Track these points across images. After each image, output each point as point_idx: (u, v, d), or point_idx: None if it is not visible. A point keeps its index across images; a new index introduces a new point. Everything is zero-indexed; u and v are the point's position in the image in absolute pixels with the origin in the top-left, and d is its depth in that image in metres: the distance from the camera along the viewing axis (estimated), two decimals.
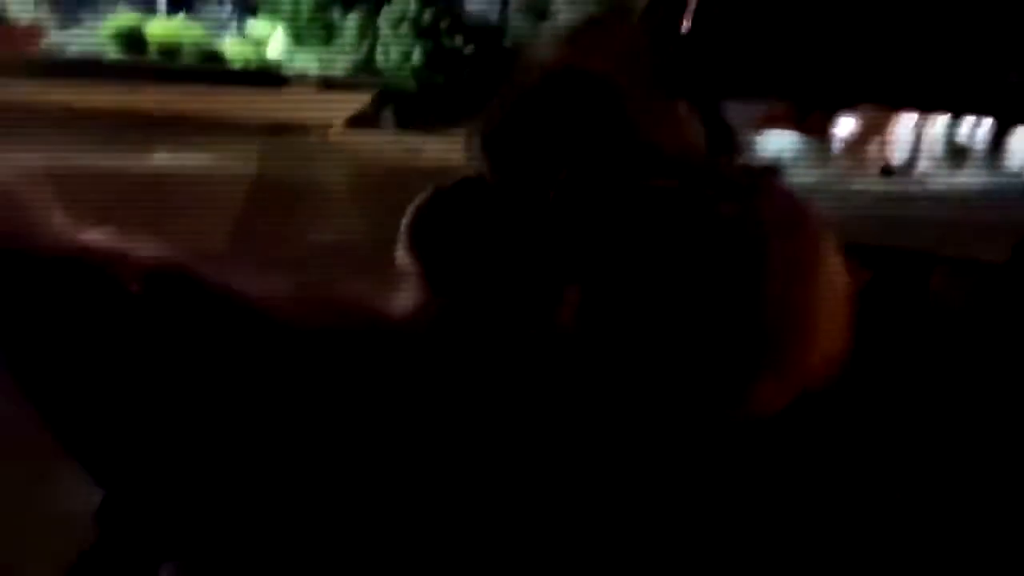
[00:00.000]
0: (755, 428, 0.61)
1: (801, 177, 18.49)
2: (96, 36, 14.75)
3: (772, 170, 0.66)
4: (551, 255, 0.69)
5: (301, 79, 14.56)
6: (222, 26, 19.77)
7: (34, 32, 13.43)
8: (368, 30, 19.96)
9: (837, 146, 20.83)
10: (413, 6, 19.74)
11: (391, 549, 0.63)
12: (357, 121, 11.79)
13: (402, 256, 0.79)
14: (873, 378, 0.66)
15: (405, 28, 19.53)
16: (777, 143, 19.59)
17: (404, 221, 0.80)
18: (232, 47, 19.39)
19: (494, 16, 20.12)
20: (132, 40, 16.24)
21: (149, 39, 16.36)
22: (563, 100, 0.76)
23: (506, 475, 0.63)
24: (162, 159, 9.13)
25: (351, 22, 20.08)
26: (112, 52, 14.37)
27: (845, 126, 20.92)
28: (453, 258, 0.76)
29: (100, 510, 0.72)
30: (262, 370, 0.68)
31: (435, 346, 0.72)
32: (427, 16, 19.26)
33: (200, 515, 0.66)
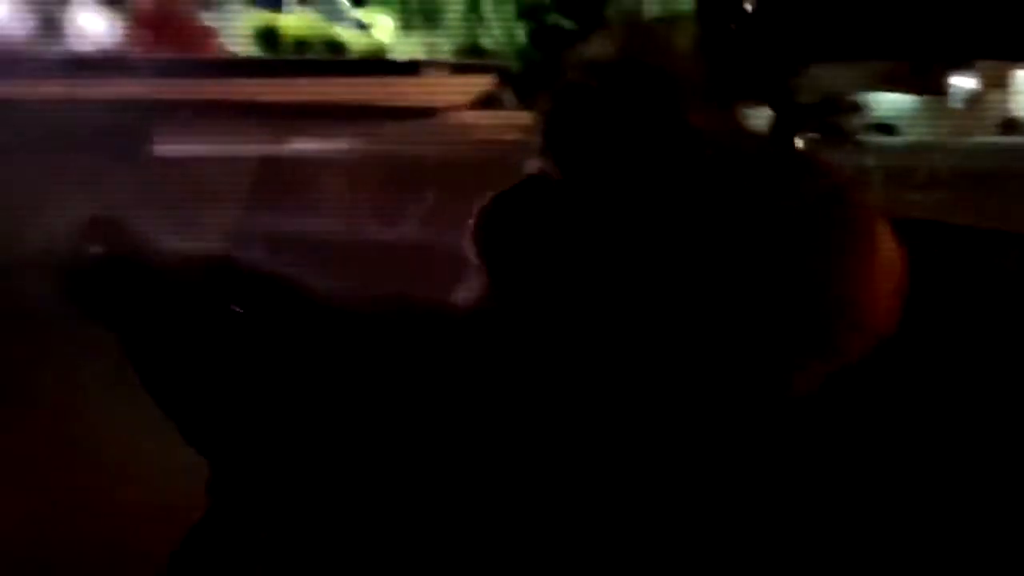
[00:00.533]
0: (798, 405, 0.62)
1: (919, 134, 17.91)
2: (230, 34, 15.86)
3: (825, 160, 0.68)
4: (615, 248, 0.68)
5: (433, 65, 15.26)
6: (336, 16, 20.79)
7: (210, 33, 14.65)
8: (473, 13, 20.52)
9: (955, 102, 20.05)
10: None
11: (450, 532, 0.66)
12: (483, 102, 12.36)
13: (471, 253, 0.78)
14: (919, 355, 0.66)
15: (508, 9, 19.96)
16: (893, 102, 19.04)
17: (471, 221, 0.78)
18: (348, 36, 20.36)
19: None
20: (268, 36, 17.43)
21: (282, 34, 17.47)
22: (625, 93, 0.73)
23: (563, 458, 0.64)
24: (312, 144, 9.97)
25: (456, 6, 20.68)
26: (249, 48, 15.44)
27: (963, 82, 20.12)
28: (516, 260, 0.75)
29: (210, 484, 0.75)
30: (340, 360, 0.71)
31: (494, 339, 0.73)
32: None
33: (296, 493, 0.70)
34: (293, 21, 18.02)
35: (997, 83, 19.85)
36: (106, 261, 0.74)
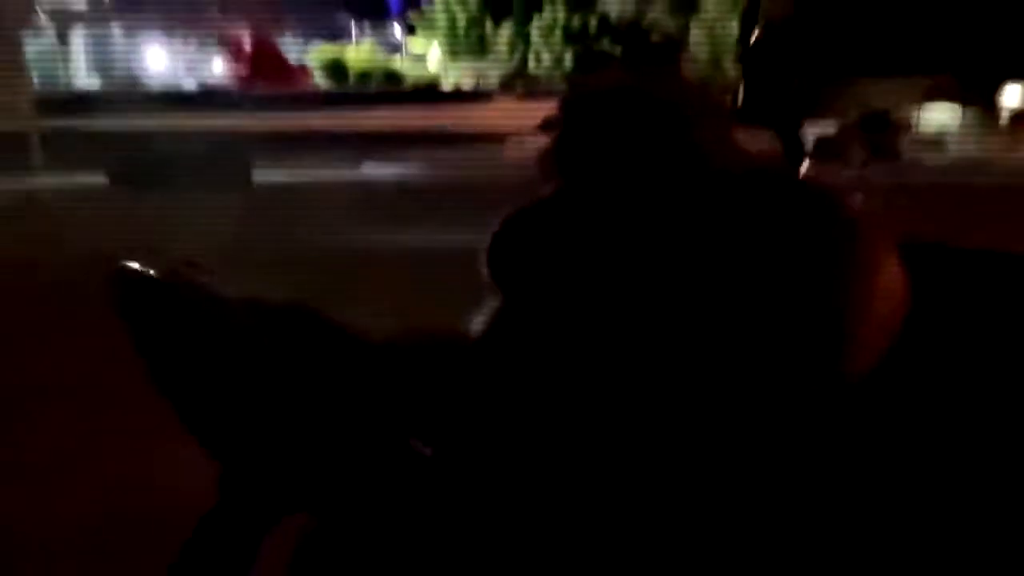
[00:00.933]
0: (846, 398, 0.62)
1: (966, 149, 17.92)
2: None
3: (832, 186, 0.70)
4: (622, 269, 0.67)
5: (502, 93, 15.81)
6: (392, 46, 21.50)
7: (308, 72, 15.42)
8: (520, 40, 21.08)
9: (1004, 117, 20.00)
10: (562, 13, 20.67)
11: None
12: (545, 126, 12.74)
13: (485, 275, 0.79)
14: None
15: (556, 35, 20.45)
16: (940, 117, 19.05)
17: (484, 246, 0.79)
18: (404, 65, 21.05)
19: (639, 16, 20.73)
20: (336, 68, 18.13)
21: (349, 67, 18.12)
22: (630, 118, 0.73)
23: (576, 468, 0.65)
24: (392, 169, 10.38)
25: (503, 34, 21.25)
26: (319, 80, 16.11)
27: (1012, 97, 20.09)
28: (527, 280, 0.75)
29: (220, 479, 0.76)
30: (356, 378, 0.73)
31: (507, 358, 0.73)
32: (576, 21, 20.12)
33: (300, 486, 0.72)
34: (356, 54, 18.69)
35: None
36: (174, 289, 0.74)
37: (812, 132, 18.87)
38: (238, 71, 15.16)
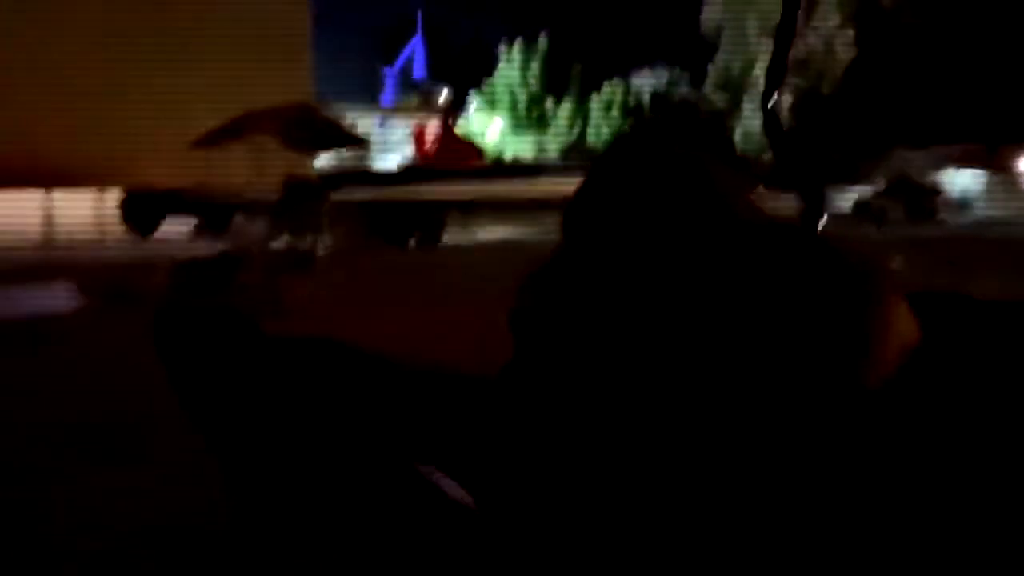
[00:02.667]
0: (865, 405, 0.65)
1: (990, 210, 19.82)
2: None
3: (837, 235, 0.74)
4: (640, 322, 0.69)
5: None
6: (464, 119, 23.66)
7: (479, 148, 17.62)
8: (579, 115, 23.23)
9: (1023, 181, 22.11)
10: (620, 90, 22.87)
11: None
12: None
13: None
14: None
15: (614, 110, 22.59)
16: (965, 180, 21.12)
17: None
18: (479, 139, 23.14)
19: (692, 92, 22.96)
20: None
21: None
22: (650, 177, 0.75)
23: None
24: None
25: (564, 109, 23.40)
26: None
27: None
28: (548, 336, 0.76)
29: (226, 489, 0.80)
30: (376, 402, 0.76)
31: (516, 396, 0.75)
32: (633, 99, 22.29)
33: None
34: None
35: None
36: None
37: (851, 196, 20.77)
38: (423, 153, 17.76)
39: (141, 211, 11.30)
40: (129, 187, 10.55)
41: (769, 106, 1.24)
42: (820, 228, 1.15)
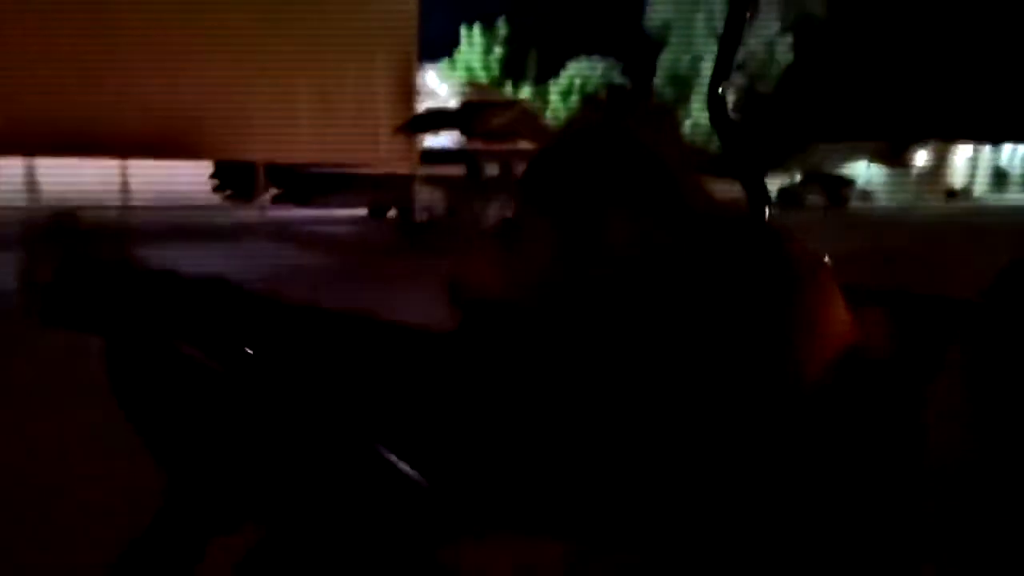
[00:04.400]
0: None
1: (886, 199, 23.39)
2: None
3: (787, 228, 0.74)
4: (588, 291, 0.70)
5: None
6: None
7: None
8: (537, 99, 24.84)
9: (916, 174, 26.07)
10: (579, 80, 24.73)
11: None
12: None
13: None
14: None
15: (573, 97, 24.45)
16: (869, 173, 24.72)
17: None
18: None
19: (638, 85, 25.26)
20: None
21: None
22: (603, 156, 0.75)
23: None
24: None
25: (523, 93, 24.95)
26: None
27: (921, 158, 26.27)
28: (490, 308, 0.75)
29: (166, 489, 0.74)
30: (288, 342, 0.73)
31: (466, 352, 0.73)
32: (590, 86, 24.21)
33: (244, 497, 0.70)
34: None
35: (942, 160, 26.02)
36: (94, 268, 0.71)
37: (775, 184, 23.70)
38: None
39: (238, 179, 11.83)
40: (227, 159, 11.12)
41: (719, 93, 1.30)
42: (766, 215, 1.19)
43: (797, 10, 23.44)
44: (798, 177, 23.85)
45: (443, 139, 11.93)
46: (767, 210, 1.23)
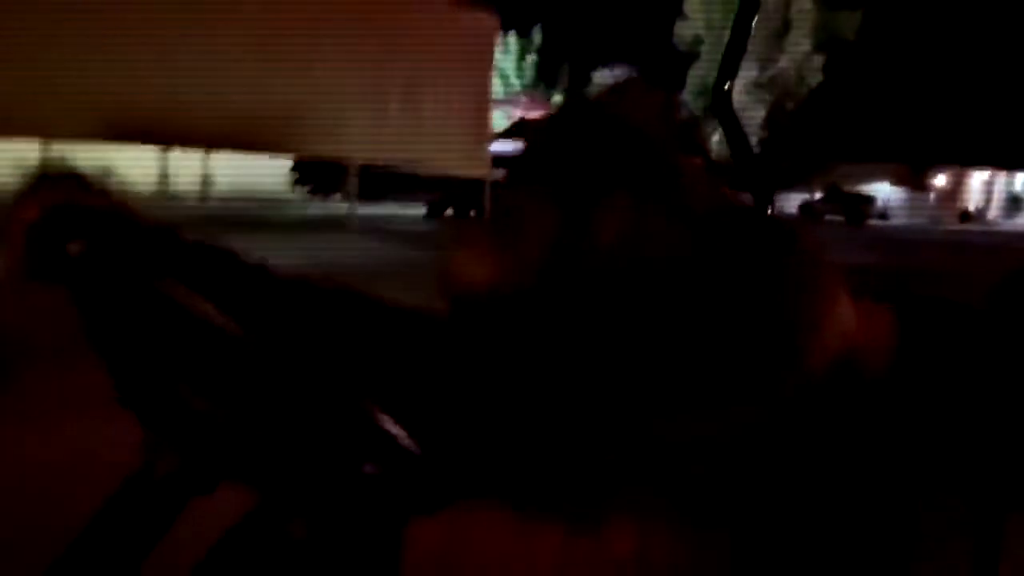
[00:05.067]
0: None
1: (903, 218, 24.03)
2: None
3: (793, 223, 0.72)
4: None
5: None
6: None
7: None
8: None
9: (933, 197, 26.75)
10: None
11: None
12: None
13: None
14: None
15: None
16: (888, 193, 25.40)
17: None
18: None
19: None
20: None
21: None
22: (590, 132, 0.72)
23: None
24: None
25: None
26: None
27: (939, 182, 26.99)
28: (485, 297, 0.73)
29: (144, 443, 0.70)
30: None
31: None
32: None
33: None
34: None
35: (959, 184, 26.72)
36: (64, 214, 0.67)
37: (796, 199, 24.30)
38: None
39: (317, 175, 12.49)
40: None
41: (725, 89, 1.24)
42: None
43: (828, 31, 24.12)
44: (818, 195, 24.53)
45: (507, 145, 12.49)
46: (771, 209, 1.23)
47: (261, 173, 13.09)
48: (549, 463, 0.63)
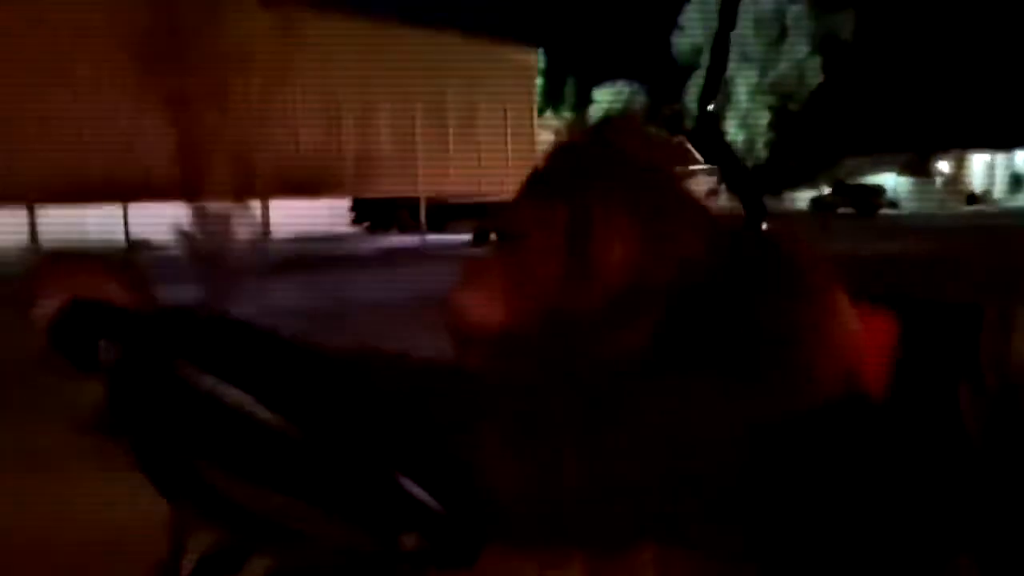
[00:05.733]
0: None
1: (911, 207, 24.55)
2: None
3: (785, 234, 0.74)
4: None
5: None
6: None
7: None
8: (580, 124, 26.07)
9: (939, 182, 27.34)
10: (616, 104, 25.97)
11: None
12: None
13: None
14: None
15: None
16: (895, 182, 25.98)
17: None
18: None
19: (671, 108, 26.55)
20: None
21: None
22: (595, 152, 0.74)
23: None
24: None
25: (563, 120, 26.23)
26: None
27: (943, 167, 27.64)
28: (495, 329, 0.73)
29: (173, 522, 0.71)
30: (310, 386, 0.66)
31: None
32: (625, 108, 25.47)
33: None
34: None
35: (961, 168, 27.33)
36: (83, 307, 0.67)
37: (806, 195, 24.83)
38: None
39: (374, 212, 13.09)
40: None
41: (708, 111, 1.24)
42: (763, 228, 1.14)
43: (825, 32, 24.88)
44: (827, 190, 25.08)
45: None
46: (763, 224, 1.25)
47: (315, 214, 13.66)
48: (582, 504, 0.61)
